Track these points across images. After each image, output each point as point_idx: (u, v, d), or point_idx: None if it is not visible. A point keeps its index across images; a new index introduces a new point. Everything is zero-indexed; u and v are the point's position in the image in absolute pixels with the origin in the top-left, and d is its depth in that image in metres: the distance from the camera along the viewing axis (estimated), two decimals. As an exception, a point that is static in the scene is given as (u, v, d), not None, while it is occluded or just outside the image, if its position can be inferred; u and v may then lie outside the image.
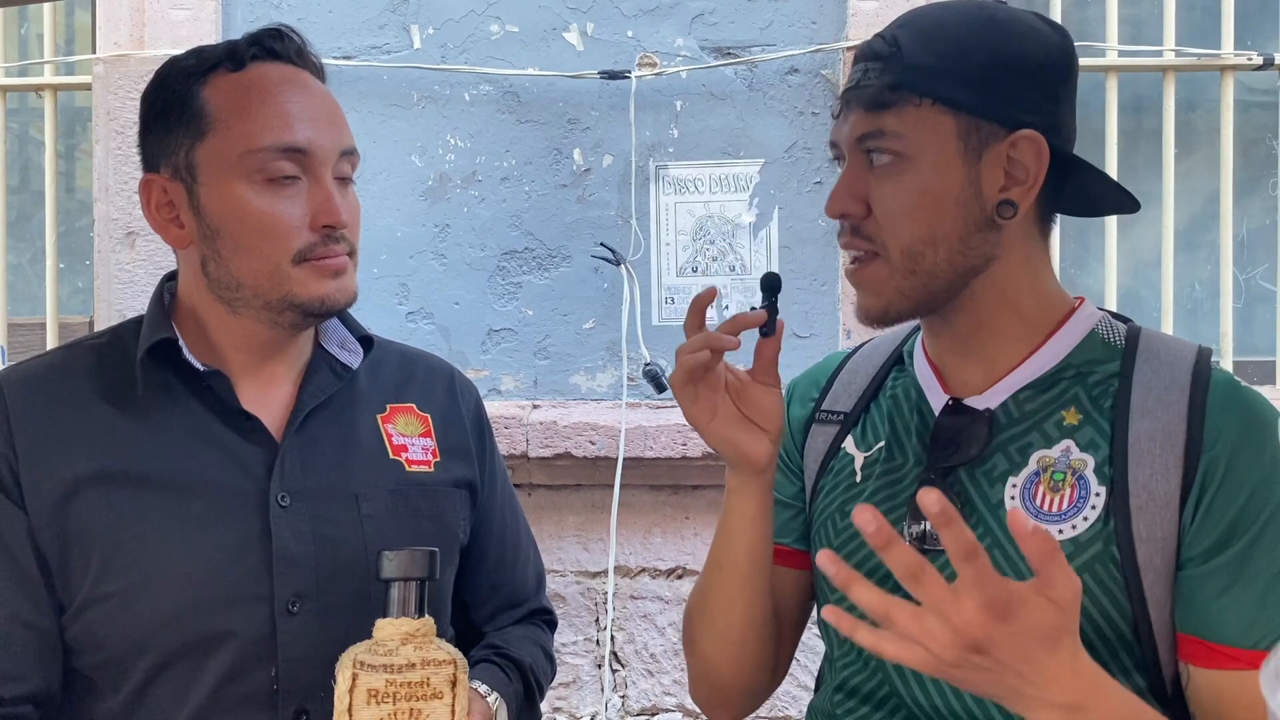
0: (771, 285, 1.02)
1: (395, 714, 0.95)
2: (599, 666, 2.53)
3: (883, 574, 0.99)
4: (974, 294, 0.97)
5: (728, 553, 1.06)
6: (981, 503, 0.96)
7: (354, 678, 0.95)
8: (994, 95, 0.93)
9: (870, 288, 0.98)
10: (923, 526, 0.97)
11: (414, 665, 0.96)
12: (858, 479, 1.05)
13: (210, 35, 2.50)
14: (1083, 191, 1.02)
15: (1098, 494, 0.93)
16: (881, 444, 1.05)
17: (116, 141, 2.53)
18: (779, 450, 1.05)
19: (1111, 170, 2.54)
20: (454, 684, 0.97)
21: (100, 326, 2.57)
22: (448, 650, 0.98)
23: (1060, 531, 0.93)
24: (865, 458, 1.06)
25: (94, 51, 2.63)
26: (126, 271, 2.55)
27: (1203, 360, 0.96)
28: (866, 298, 0.99)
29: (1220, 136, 2.56)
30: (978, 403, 1.00)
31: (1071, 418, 0.96)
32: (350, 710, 0.95)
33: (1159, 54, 2.55)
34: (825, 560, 0.78)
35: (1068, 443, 0.95)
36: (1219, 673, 0.88)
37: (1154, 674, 0.92)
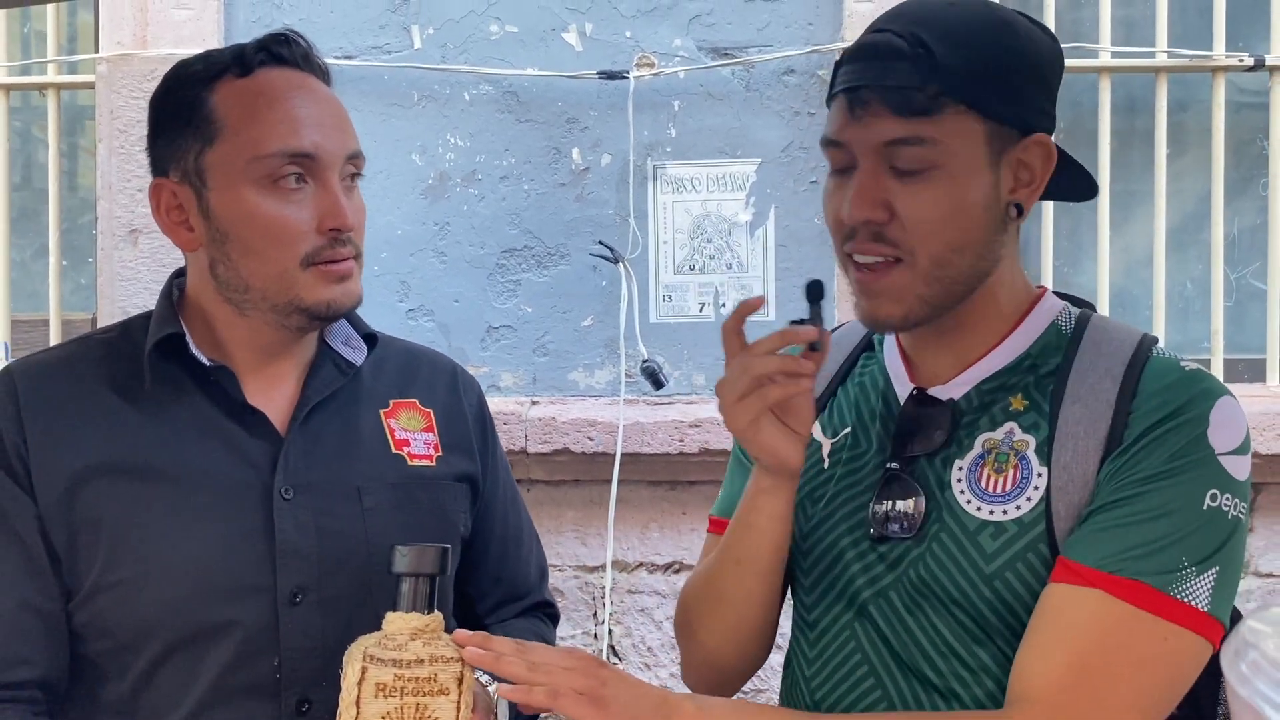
0: (816, 294, 0.99)
1: (402, 708, 0.95)
2: None
3: (846, 561, 1.03)
4: (973, 296, 0.99)
5: (750, 549, 1.05)
6: (936, 486, 0.99)
7: (363, 671, 0.95)
8: (1015, 100, 0.94)
9: (890, 295, 0.96)
10: (885, 509, 1.00)
11: (422, 661, 0.95)
12: (825, 465, 1.07)
13: (213, 34, 2.52)
14: (1051, 182, 1.03)
15: (1040, 475, 0.95)
16: (848, 430, 1.07)
17: (120, 140, 2.55)
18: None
19: (1104, 170, 2.56)
20: (460, 681, 0.96)
21: (104, 323, 2.59)
22: (455, 648, 0.98)
23: (1005, 512, 0.95)
24: (832, 444, 1.08)
25: (97, 50, 2.64)
26: (130, 269, 2.57)
27: (1143, 348, 0.96)
28: (884, 305, 0.96)
29: (1211, 137, 2.57)
30: (941, 393, 1.01)
31: (1018, 404, 0.98)
32: (358, 703, 0.94)
33: (1151, 55, 2.57)
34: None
35: (1011, 425, 0.97)
36: (1059, 585, 0.91)
37: None
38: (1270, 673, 0.39)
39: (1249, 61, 2.54)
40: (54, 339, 2.71)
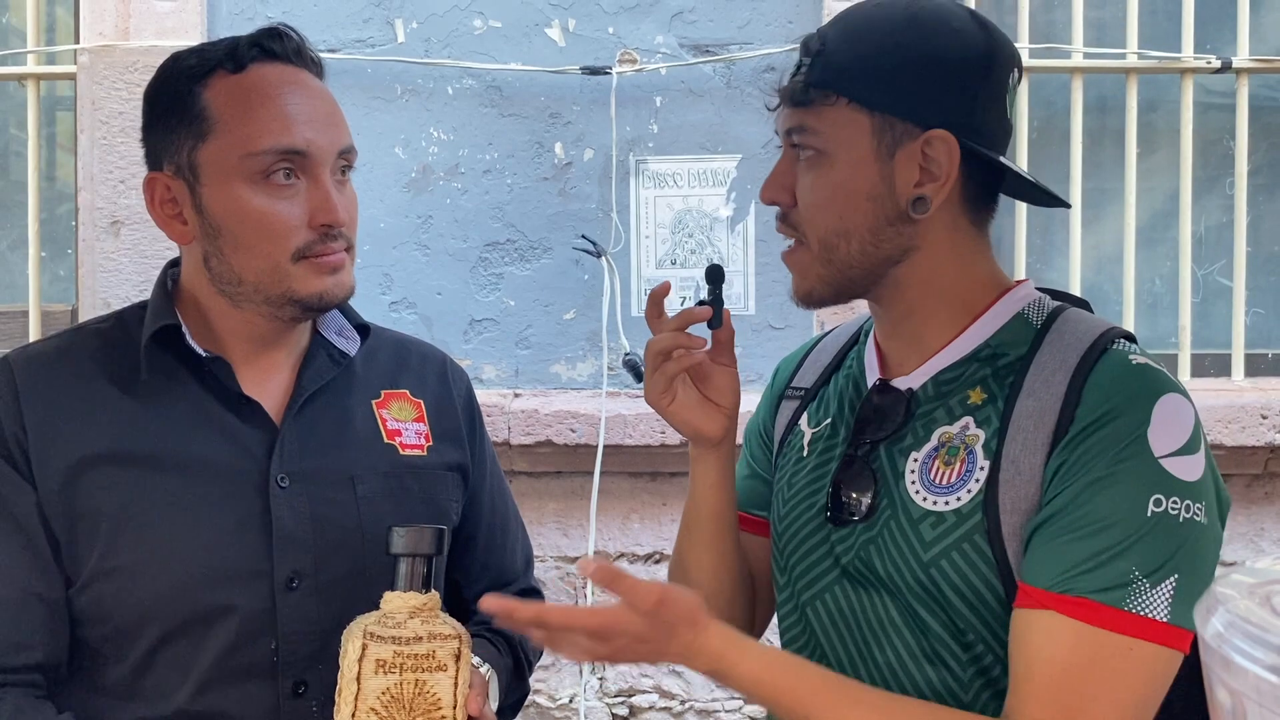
0: (715, 277, 1.08)
1: (401, 684, 0.97)
2: None
3: (810, 545, 1.06)
4: (897, 281, 1.01)
5: (692, 516, 1.13)
6: (890, 474, 1.01)
7: (364, 648, 0.97)
8: (907, 95, 0.96)
9: (797, 271, 1.03)
10: (843, 494, 1.03)
11: (421, 638, 0.98)
12: (805, 453, 1.11)
13: (195, 26, 2.51)
14: (1014, 185, 1.06)
15: (982, 468, 0.95)
16: (828, 420, 1.10)
17: (101, 131, 2.53)
18: (735, 425, 1.10)
19: (1076, 168, 2.61)
20: (458, 657, 0.99)
21: (84, 314, 2.58)
22: (452, 625, 1.00)
23: (947, 503, 0.96)
24: (813, 433, 1.11)
25: (76, 41, 2.63)
26: (111, 260, 2.56)
27: (1101, 341, 0.96)
28: (795, 281, 1.04)
29: (1180, 137, 2.62)
30: (902, 383, 1.04)
31: (976, 397, 0.99)
32: (359, 679, 0.96)
33: (1122, 56, 2.61)
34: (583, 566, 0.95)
35: (967, 419, 0.98)
36: (1020, 610, 0.91)
37: None
38: (1242, 626, 0.43)
39: (1216, 64, 2.59)
40: (33, 330, 2.69)
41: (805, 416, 1.13)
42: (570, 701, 2.58)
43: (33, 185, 2.69)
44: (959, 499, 0.96)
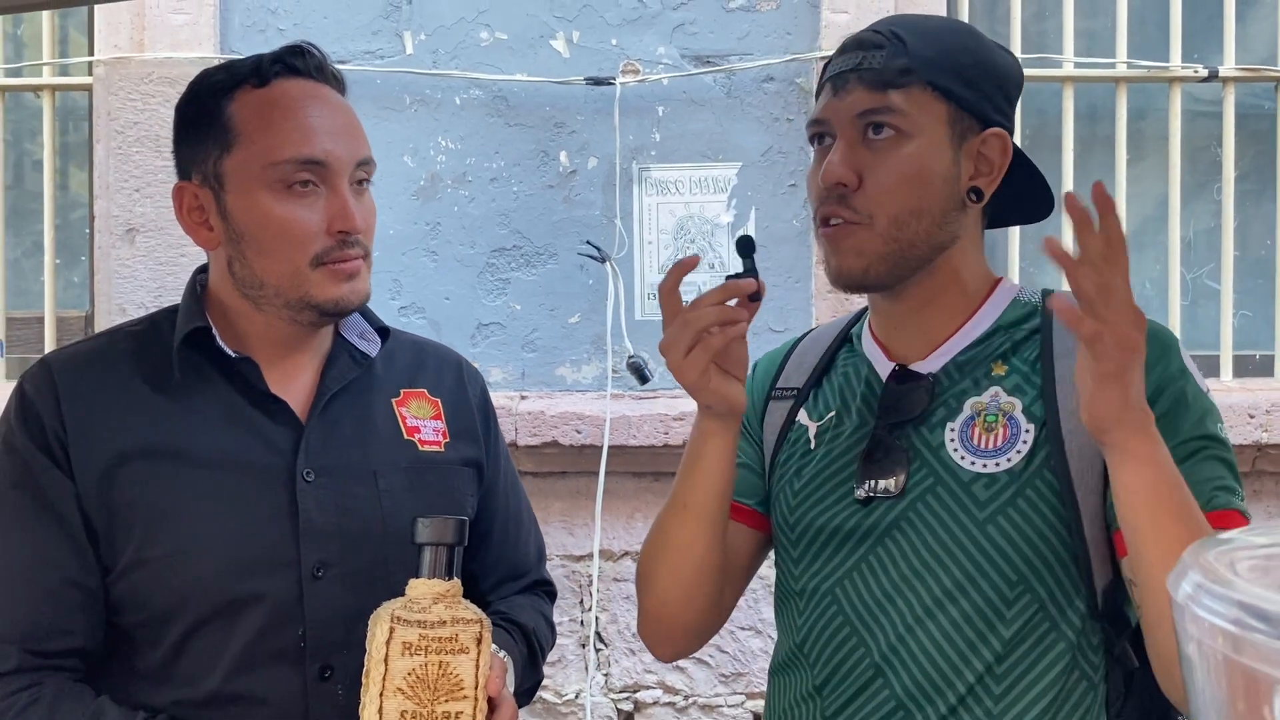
0: (748, 248, 1.07)
1: (426, 665, 1.00)
2: (583, 646, 2.59)
3: (833, 529, 1.10)
4: (935, 268, 1.07)
5: (695, 493, 1.11)
6: (924, 449, 1.06)
7: (391, 631, 1.00)
8: (977, 93, 1.05)
9: (852, 250, 1.05)
10: (871, 472, 1.07)
11: (445, 622, 1.01)
12: (812, 445, 1.15)
13: (208, 39, 2.56)
14: (1015, 192, 1.12)
15: (1028, 430, 1.03)
16: (832, 413, 1.14)
17: (117, 140, 2.58)
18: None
19: (1068, 174, 2.65)
20: (479, 641, 1.02)
21: (100, 319, 2.62)
22: (474, 610, 1.03)
23: (998, 464, 1.03)
24: (818, 426, 1.15)
25: (91, 53, 2.68)
26: (127, 267, 2.60)
27: None
28: (847, 259, 1.05)
29: (1169, 144, 2.66)
30: (921, 368, 1.10)
31: (999, 369, 1.07)
32: (386, 660, 0.99)
33: (1112, 65, 2.65)
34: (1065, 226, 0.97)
35: (995, 389, 1.06)
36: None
37: (1089, 594, 1.02)
38: (1208, 587, 0.48)
39: (1204, 73, 2.63)
40: (49, 335, 2.73)
41: (805, 412, 1.17)
42: (576, 697, 2.60)
43: (49, 194, 2.73)
44: (1009, 460, 1.02)
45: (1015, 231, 2.65)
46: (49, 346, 2.73)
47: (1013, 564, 1.02)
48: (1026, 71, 2.89)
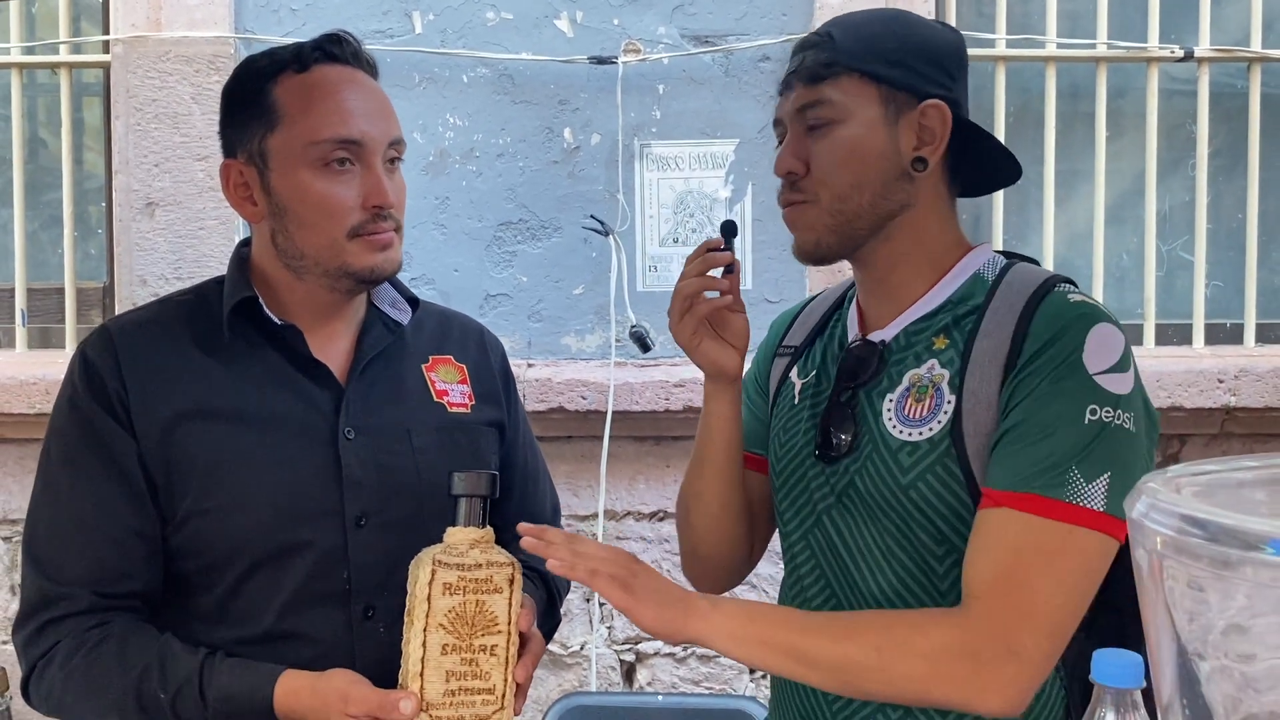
0: (730, 231, 1.20)
1: (464, 604, 1.07)
2: (588, 600, 2.66)
3: (804, 484, 1.19)
4: (890, 235, 1.14)
5: (706, 449, 1.24)
6: (869, 414, 1.13)
7: (433, 573, 1.06)
8: (906, 70, 1.11)
9: (804, 227, 1.14)
10: (830, 433, 1.15)
11: (480, 565, 1.08)
12: (796, 401, 1.23)
13: (224, 18, 2.60)
14: (979, 160, 1.17)
15: (949, 402, 1.08)
16: (814, 373, 1.22)
17: (136, 117, 2.63)
18: (745, 364, 1.24)
19: (1050, 150, 2.69)
20: (511, 582, 1.09)
21: (120, 291, 2.70)
22: (506, 555, 1.10)
23: (920, 434, 1.09)
24: (803, 384, 1.23)
25: (106, 30, 2.72)
26: (147, 240, 2.65)
27: (1044, 286, 1.09)
28: (801, 234, 1.15)
29: (1146, 121, 2.71)
30: (877, 336, 1.16)
31: (940, 343, 1.12)
32: (429, 599, 1.06)
33: (1093, 46, 2.69)
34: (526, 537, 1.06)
35: (932, 361, 1.11)
36: (982, 510, 1.03)
37: None
38: (1157, 505, 0.59)
39: (1180, 53, 2.67)
40: (69, 306, 2.79)
41: (795, 370, 1.27)
42: (581, 649, 2.68)
43: (66, 169, 2.77)
44: (930, 429, 1.08)
45: (999, 206, 2.71)
46: (68, 317, 2.80)
47: (936, 526, 1.08)
48: (1010, 52, 2.96)
